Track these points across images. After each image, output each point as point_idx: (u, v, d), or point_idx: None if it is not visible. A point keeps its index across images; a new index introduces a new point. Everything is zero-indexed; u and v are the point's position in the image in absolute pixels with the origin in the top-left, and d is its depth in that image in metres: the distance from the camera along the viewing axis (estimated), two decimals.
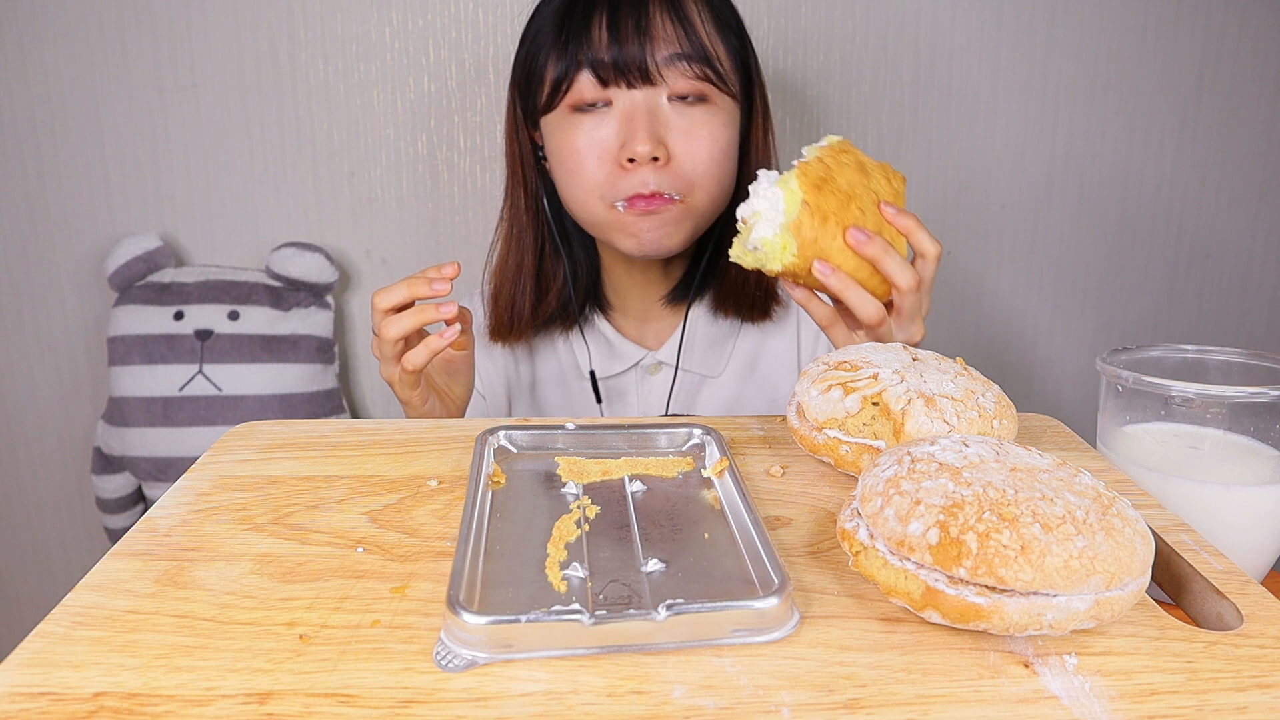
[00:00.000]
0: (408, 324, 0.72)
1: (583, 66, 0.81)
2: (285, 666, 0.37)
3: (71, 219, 1.27)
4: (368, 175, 1.27)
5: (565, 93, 0.82)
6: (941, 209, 1.31)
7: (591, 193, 0.84)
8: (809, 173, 0.67)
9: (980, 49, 1.26)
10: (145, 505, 1.31)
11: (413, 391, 0.77)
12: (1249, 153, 1.31)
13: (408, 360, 0.73)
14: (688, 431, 0.57)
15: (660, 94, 0.82)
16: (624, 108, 0.81)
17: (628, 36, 0.79)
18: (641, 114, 0.81)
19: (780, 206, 0.65)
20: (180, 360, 1.20)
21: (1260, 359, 0.64)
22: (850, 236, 0.66)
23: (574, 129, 0.83)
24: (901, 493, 0.40)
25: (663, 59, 0.80)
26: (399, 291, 0.72)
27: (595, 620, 0.37)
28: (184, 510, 0.50)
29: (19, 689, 0.35)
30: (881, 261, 0.67)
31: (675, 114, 0.82)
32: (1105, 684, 0.37)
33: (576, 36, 0.80)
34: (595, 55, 0.80)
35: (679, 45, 0.80)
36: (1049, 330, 1.37)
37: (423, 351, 0.72)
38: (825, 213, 0.66)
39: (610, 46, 0.79)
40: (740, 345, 0.97)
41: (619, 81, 0.81)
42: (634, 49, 0.79)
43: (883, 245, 0.67)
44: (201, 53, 1.22)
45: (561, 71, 0.82)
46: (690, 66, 0.81)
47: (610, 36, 0.79)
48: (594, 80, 0.81)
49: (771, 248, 0.66)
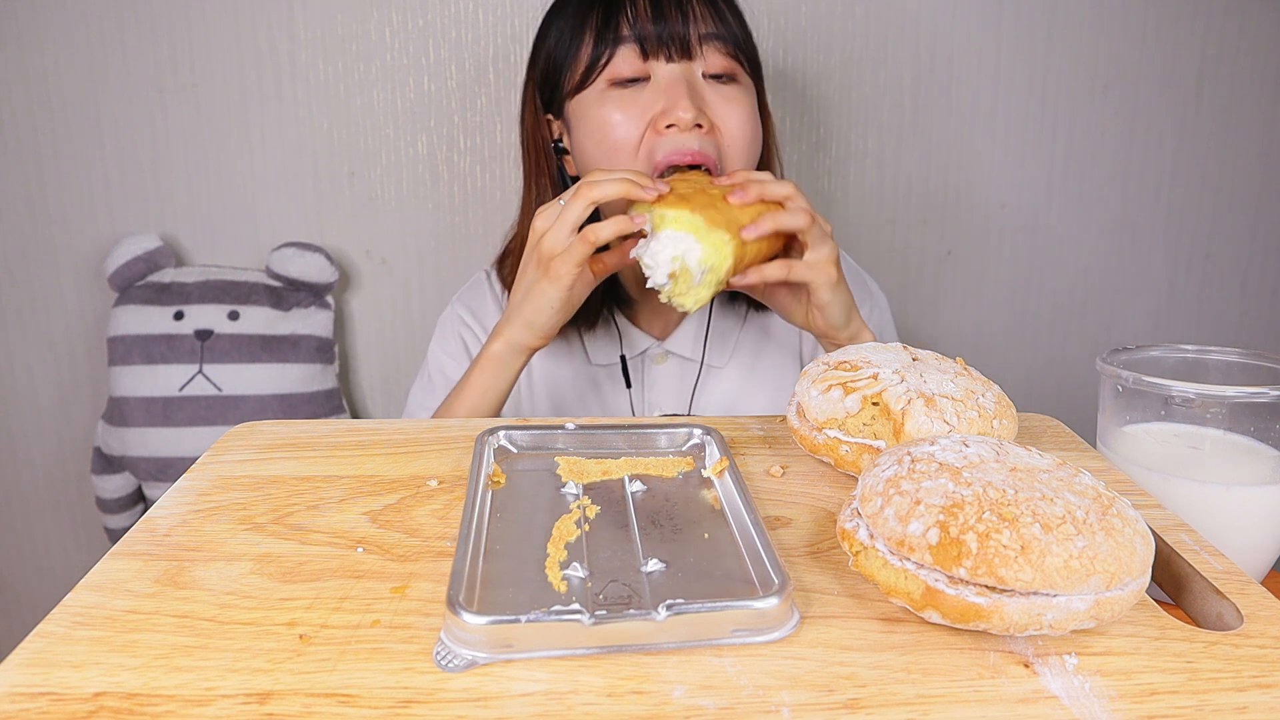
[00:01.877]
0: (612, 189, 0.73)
1: (624, 40, 0.83)
2: (285, 666, 0.37)
3: (71, 219, 1.27)
4: (368, 175, 1.27)
5: (603, 68, 0.84)
6: (941, 209, 1.31)
7: (626, 164, 0.84)
8: (662, 201, 0.72)
9: (980, 49, 1.26)
10: (145, 505, 1.31)
11: (575, 281, 0.76)
12: (1249, 153, 1.31)
13: (593, 233, 0.73)
14: (688, 431, 0.57)
15: (696, 69, 0.84)
16: (664, 79, 0.83)
17: (671, 13, 0.83)
18: (680, 82, 0.83)
19: (682, 234, 0.72)
20: (180, 360, 1.20)
21: (1260, 359, 0.64)
22: (732, 199, 0.73)
23: (610, 102, 0.84)
24: (901, 493, 0.40)
25: (700, 36, 0.83)
26: (613, 186, 0.74)
27: (595, 620, 0.37)
28: (184, 510, 0.50)
29: (19, 689, 0.35)
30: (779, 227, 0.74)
31: (711, 89, 0.84)
32: (1105, 684, 0.37)
33: (618, 15, 0.83)
34: (639, 30, 0.82)
35: (714, 25, 0.84)
36: (1049, 330, 1.37)
37: (611, 226, 0.73)
38: (705, 203, 0.72)
39: (656, 22, 0.82)
40: (746, 336, 0.98)
41: (659, 54, 0.83)
42: (677, 24, 0.82)
43: (769, 221, 0.73)
44: (201, 53, 1.22)
45: (600, 48, 0.83)
46: (724, 47, 0.84)
47: (654, 12, 0.82)
48: (636, 52, 0.83)
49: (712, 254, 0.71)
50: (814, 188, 1.29)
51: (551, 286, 0.76)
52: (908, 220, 1.32)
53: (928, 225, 1.32)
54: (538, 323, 0.79)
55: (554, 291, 0.76)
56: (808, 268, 0.76)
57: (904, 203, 1.31)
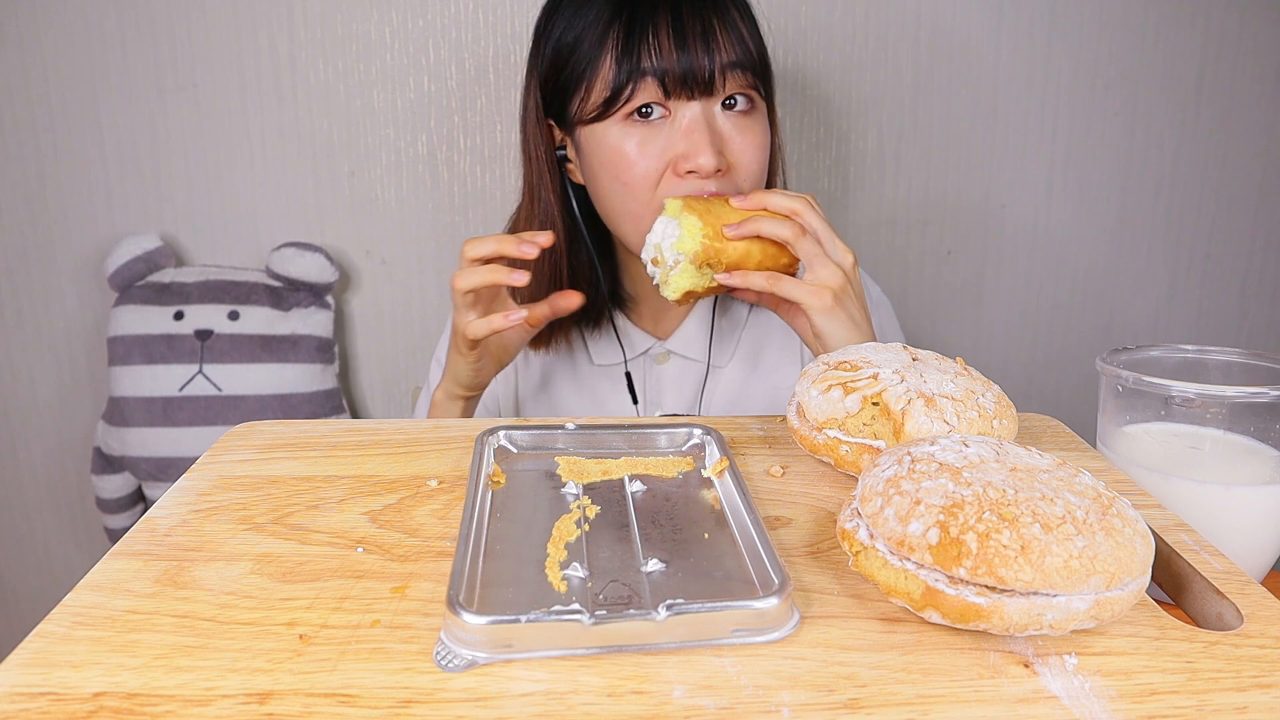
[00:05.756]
0: (477, 280, 0.74)
1: (647, 75, 0.78)
2: (285, 666, 0.37)
3: (71, 219, 1.27)
4: (368, 175, 1.27)
5: (625, 102, 0.80)
6: (941, 209, 1.31)
7: (643, 201, 0.82)
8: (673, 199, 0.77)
9: (980, 49, 1.26)
10: (145, 505, 1.31)
11: (471, 351, 0.80)
12: (1249, 153, 1.31)
13: (469, 329, 0.76)
14: (688, 431, 0.57)
15: (716, 103, 0.81)
16: (685, 121, 0.80)
17: (695, 45, 0.78)
18: (702, 126, 0.80)
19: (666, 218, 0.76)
20: (180, 360, 1.20)
21: (1260, 359, 0.64)
22: (733, 200, 0.76)
23: (627, 138, 0.81)
24: (901, 493, 0.40)
25: (722, 66, 0.80)
26: (488, 245, 0.74)
27: (595, 620, 0.37)
28: (184, 510, 0.50)
29: (19, 689, 0.35)
30: (761, 232, 0.75)
31: (729, 124, 0.82)
32: (1105, 684, 0.37)
33: (639, 44, 0.78)
34: (662, 65, 0.78)
35: (735, 53, 0.80)
36: (1049, 330, 1.37)
37: (484, 326, 0.76)
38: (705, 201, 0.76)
39: (680, 56, 0.78)
40: (746, 336, 0.98)
41: (681, 93, 0.79)
42: (701, 58, 0.78)
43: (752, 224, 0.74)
44: (201, 53, 1.22)
45: (622, 80, 0.79)
46: (744, 75, 0.81)
47: (678, 45, 0.78)
48: (659, 89, 0.79)
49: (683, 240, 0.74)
50: (814, 188, 1.29)
51: (461, 359, 0.81)
52: (908, 220, 1.32)
53: (928, 225, 1.32)
54: (463, 382, 0.84)
55: (464, 364, 0.82)
56: (797, 286, 0.74)
57: (904, 203, 1.31)
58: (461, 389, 0.84)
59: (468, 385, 0.84)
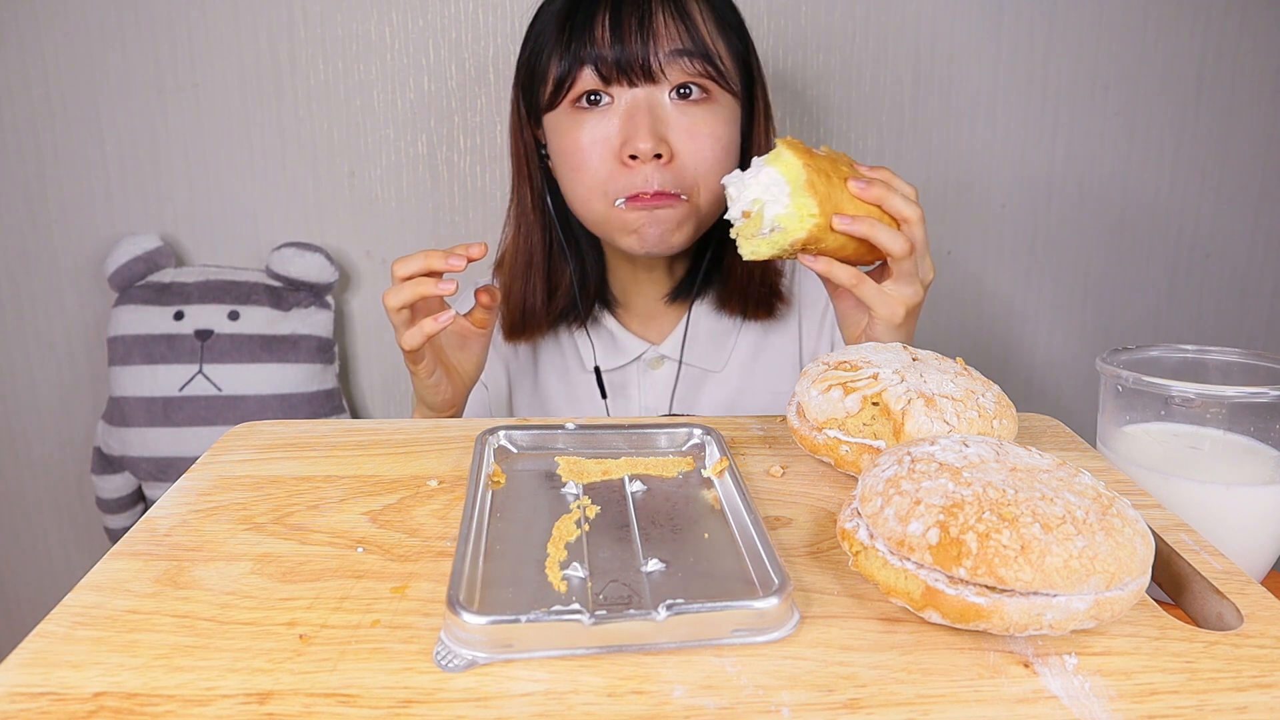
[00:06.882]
0: (405, 295, 0.72)
1: (585, 64, 0.81)
2: (285, 666, 0.37)
3: (71, 219, 1.27)
4: (368, 175, 1.27)
5: (568, 90, 0.83)
6: (941, 209, 1.31)
7: (593, 190, 0.84)
8: (793, 144, 0.68)
9: (980, 49, 1.26)
10: (145, 505, 1.31)
11: (417, 365, 0.78)
12: (1249, 153, 1.31)
13: (405, 340, 0.74)
14: (688, 431, 0.57)
15: (662, 92, 0.82)
16: (626, 105, 0.82)
17: (630, 34, 0.80)
18: (643, 111, 0.81)
19: (780, 180, 0.67)
20: (180, 360, 1.20)
21: (1260, 359, 0.64)
22: (851, 186, 0.68)
23: (576, 127, 0.83)
24: (901, 493, 0.40)
25: (664, 56, 0.81)
26: (416, 262, 0.73)
27: (595, 620, 0.37)
28: (184, 510, 0.50)
29: (19, 689, 0.35)
30: (874, 239, 0.69)
31: (677, 112, 0.83)
32: (1105, 684, 0.37)
33: (579, 35, 0.81)
34: (597, 52, 0.81)
35: (680, 42, 0.81)
36: (1049, 330, 1.37)
37: (416, 334, 0.73)
38: (825, 171, 0.68)
39: (613, 44, 0.80)
40: (742, 341, 0.97)
41: (620, 79, 0.81)
42: (636, 47, 0.80)
43: (867, 227, 0.68)
44: (201, 53, 1.22)
45: (564, 70, 0.82)
46: (691, 63, 0.82)
47: (613, 34, 0.80)
48: (596, 77, 0.82)
49: (790, 217, 0.67)
50: None
51: (414, 378, 0.80)
52: None
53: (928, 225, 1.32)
54: (427, 401, 0.82)
55: (418, 382, 0.80)
56: (878, 294, 0.71)
57: None
58: (429, 409, 0.83)
59: (432, 405, 0.82)
